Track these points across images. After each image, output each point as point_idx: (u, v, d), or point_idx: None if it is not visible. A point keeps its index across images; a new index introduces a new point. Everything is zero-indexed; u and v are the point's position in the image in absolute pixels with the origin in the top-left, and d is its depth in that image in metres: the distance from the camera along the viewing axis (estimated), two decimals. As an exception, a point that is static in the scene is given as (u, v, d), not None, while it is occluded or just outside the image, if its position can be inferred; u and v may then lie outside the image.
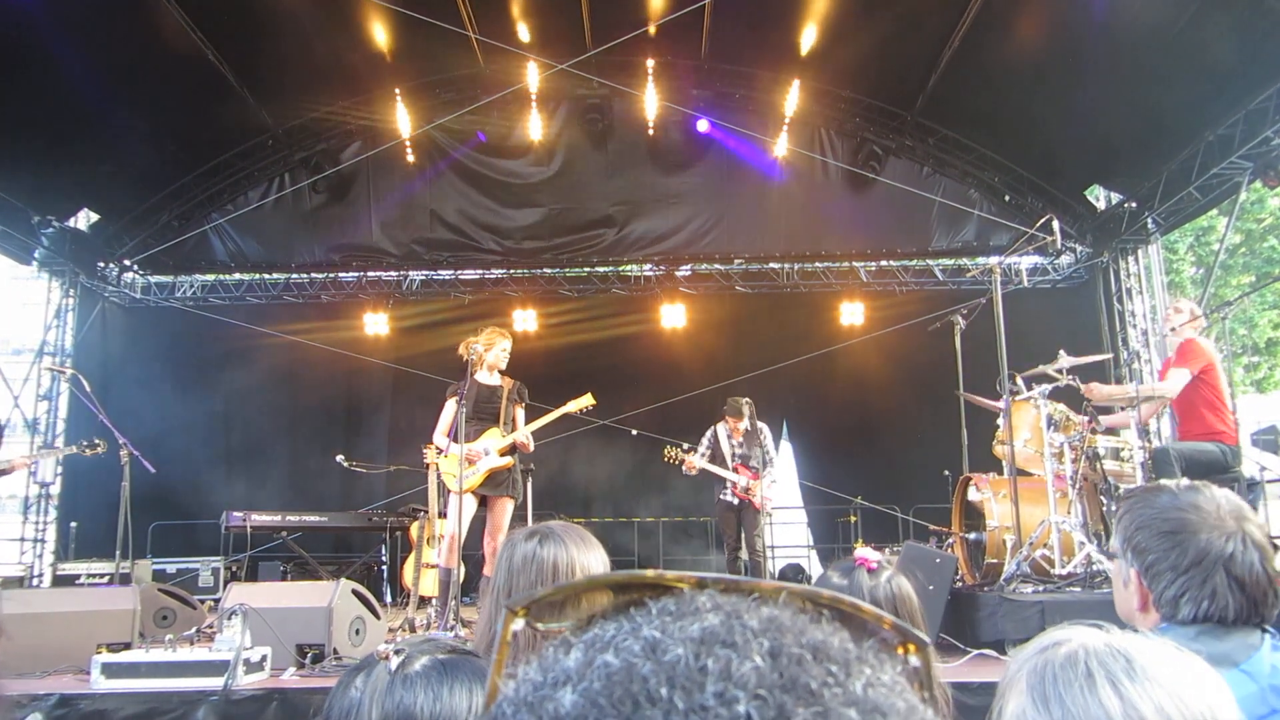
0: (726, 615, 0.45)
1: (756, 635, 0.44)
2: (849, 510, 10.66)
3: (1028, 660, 1.06)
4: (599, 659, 0.44)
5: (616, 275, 12.09)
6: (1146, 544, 1.70)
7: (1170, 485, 1.77)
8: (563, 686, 0.43)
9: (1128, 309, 10.97)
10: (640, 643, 0.44)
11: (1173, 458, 5.68)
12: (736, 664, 0.42)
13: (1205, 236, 20.08)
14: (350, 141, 11.22)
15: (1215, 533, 1.65)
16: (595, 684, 0.42)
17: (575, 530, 2.30)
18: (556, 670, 0.45)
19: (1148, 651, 1.00)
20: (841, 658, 0.44)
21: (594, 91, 10.57)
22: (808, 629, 0.46)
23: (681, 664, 0.42)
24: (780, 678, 0.42)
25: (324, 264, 11.82)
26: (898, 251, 11.75)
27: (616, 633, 0.45)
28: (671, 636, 0.44)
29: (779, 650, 0.43)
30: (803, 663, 0.43)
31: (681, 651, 0.43)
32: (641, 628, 0.45)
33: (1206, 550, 1.63)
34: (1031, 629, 4.66)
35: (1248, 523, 1.67)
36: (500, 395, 6.69)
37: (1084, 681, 0.98)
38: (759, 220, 11.49)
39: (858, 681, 0.43)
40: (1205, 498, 1.70)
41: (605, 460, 10.65)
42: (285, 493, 10.67)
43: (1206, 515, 1.67)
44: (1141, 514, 1.74)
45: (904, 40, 9.68)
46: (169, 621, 6.00)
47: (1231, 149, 8.55)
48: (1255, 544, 1.65)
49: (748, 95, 11.04)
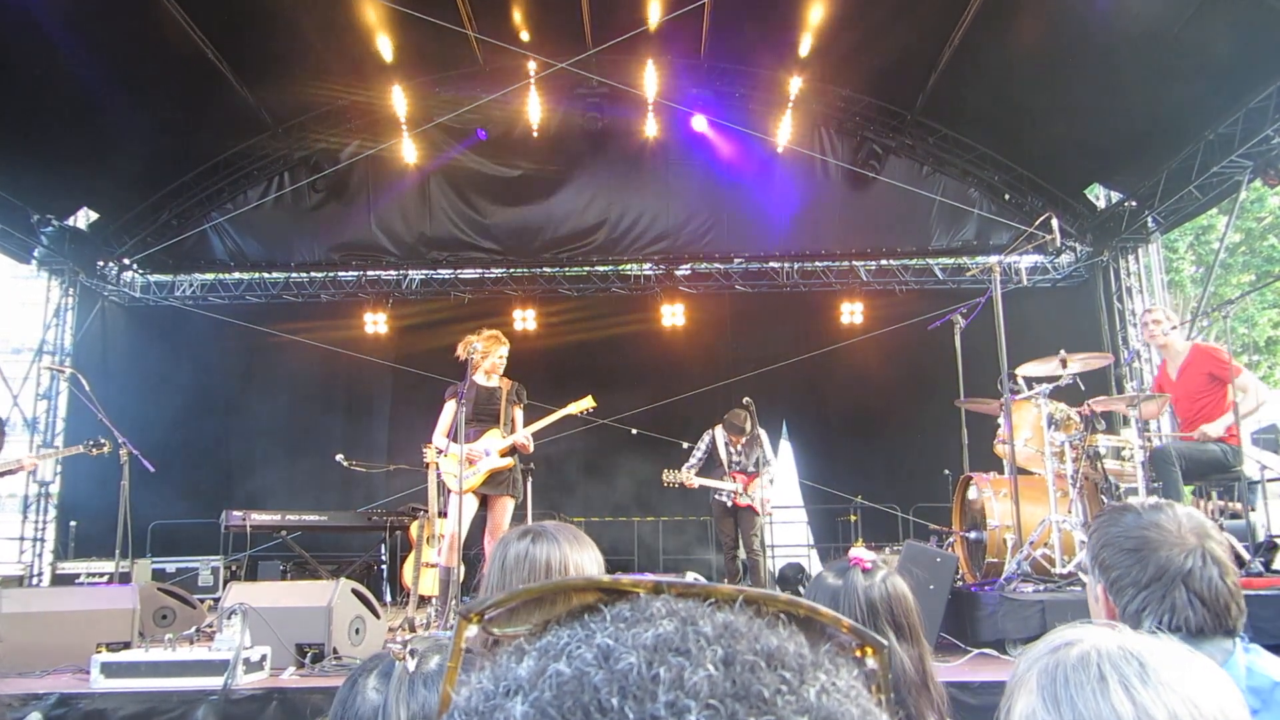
0: (681, 621, 0.45)
1: (710, 642, 0.44)
2: (849, 509, 10.66)
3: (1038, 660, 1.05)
4: (551, 667, 0.43)
5: (616, 274, 12.09)
6: (1111, 560, 1.80)
7: (1136, 504, 1.87)
8: (514, 696, 0.43)
9: (1128, 308, 10.96)
10: (593, 650, 0.44)
11: (1173, 457, 5.67)
12: (689, 672, 0.42)
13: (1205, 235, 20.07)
14: (349, 140, 11.20)
15: (1175, 549, 1.73)
16: (546, 694, 0.42)
17: (568, 529, 2.31)
18: (508, 679, 0.44)
19: (1160, 654, 1.00)
20: (796, 664, 0.44)
21: (594, 90, 10.56)
22: (762, 634, 0.45)
23: (634, 673, 0.42)
24: (733, 686, 0.41)
25: (323, 263, 11.82)
26: (897, 250, 11.75)
27: (570, 640, 0.45)
28: (624, 644, 0.44)
29: (732, 658, 0.43)
30: (756, 670, 0.43)
31: (634, 660, 0.42)
32: (595, 635, 0.45)
33: (1166, 566, 1.72)
34: (1032, 628, 4.66)
35: (1209, 540, 1.75)
36: (499, 397, 6.71)
37: (1096, 684, 0.98)
38: (758, 219, 11.48)
39: (811, 688, 0.43)
40: (1167, 516, 1.79)
41: (604, 460, 10.64)
42: (285, 492, 10.66)
43: (1167, 533, 1.75)
44: (1108, 532, 1.84)
45: (904, 39, 9.67)
46: (168, 621, 5.99)
47: (1231, 148, 8.55)
48: (1215, 560, 1.73)
49: (747, 94, 11.03)
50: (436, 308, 11.73)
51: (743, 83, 11.01)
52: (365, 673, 1.45)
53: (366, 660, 1.52)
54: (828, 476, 11.22)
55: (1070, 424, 5.95)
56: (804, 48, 9.65)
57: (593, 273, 12.03)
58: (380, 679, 1.42)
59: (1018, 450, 5.99)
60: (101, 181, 10.37)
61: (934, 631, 4.74)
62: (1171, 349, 6.28)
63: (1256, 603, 4.63)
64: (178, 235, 11.09)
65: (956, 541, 6.59)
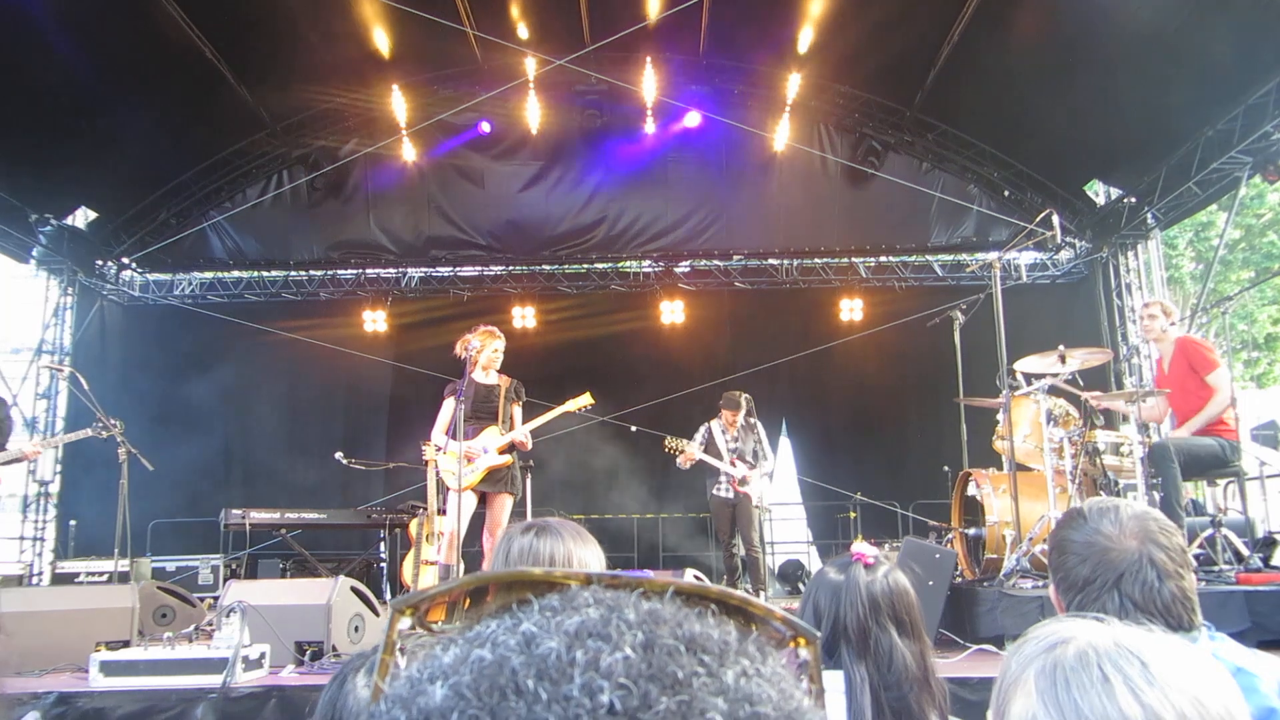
0: (607, 610, 0.46)
1: (631, 628, 0.45)
2: (849, 506, 10.66)
3: (1033, 659, 1.03)
4: (474, 654, 0.44)
5: (615, 272, 12.08)
6: (1057, 563, 1.89)
7: (1086, 508, 1.93)
8: (435, 681, 0.44)
9: (1127, 304, 10.96)
10: (516, 637, 0.45)
11: (1172, 453, 5.66)
12: (606, 655, 0.43)
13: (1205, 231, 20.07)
14: (348, 138, 11.19)
15: (1113, 554, 1.79)
16: (465, 677, 0.43)
17: (572, 525, 2.29)
18: (433, 666, 0.45)
19: (1160, 651, 0.98)
20: (717, 649, 0.45)
21: (592, 87, 10.55)
22: (686, 621, 0.46)
23: (552, 656, 0.43)
24: (649, 668, 0.43)
25: (322, 261, 11.81)
26: (897, 247, 11.74)
27: (496, 629, 0.46)
28: (547, 631, 0.45)
29: (652, 642, 0.44)
30: (674, 654, 0.44)
31: (554, 644, 0.43)
32: (521, 623, 0.46)
33: (1101, 569, 1.79)
34: (1031, 624, 4.64)
35: (1150, 543, 1.79)
36: (498, 394, 6.72)
37: (1100, 686, 0.96)
38: (758, 216, 11.48)
39: (730, 671, 0.44)
40: (1110, 520, 1.85)
41: (604, 457, 10.63)
42: (284, 490, 10.65)
43: (1108, 539, 1.82)
44: (1059, 535, 1.93)
45: (903, 35, 9.66)
46: (168, 619, 5.99)
47: (1231, 144, 8.55)
48: (1154, 563, 1.77)
49: (747, 90, 11.02)
50: (435, 306, 11.73)
51: (741, 80, 11.00)
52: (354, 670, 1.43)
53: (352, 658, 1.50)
54: (827, 473, 11.22)
55: (1069, 420, 5.95)
56: (803, 45, 9.64)
57: (592, 270, 12.03)
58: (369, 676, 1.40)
59: (1017, 446, 5.99)
60: (100, 180, 10.35)
61: (933, 627, 4.75)
62: (1166, 343, 6.28)
63: (1256, 598, 4.64)
64: (176, 234, 11.09)
65: (956, 537, 6.59)
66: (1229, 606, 4.56)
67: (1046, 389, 5.90)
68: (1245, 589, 4.72)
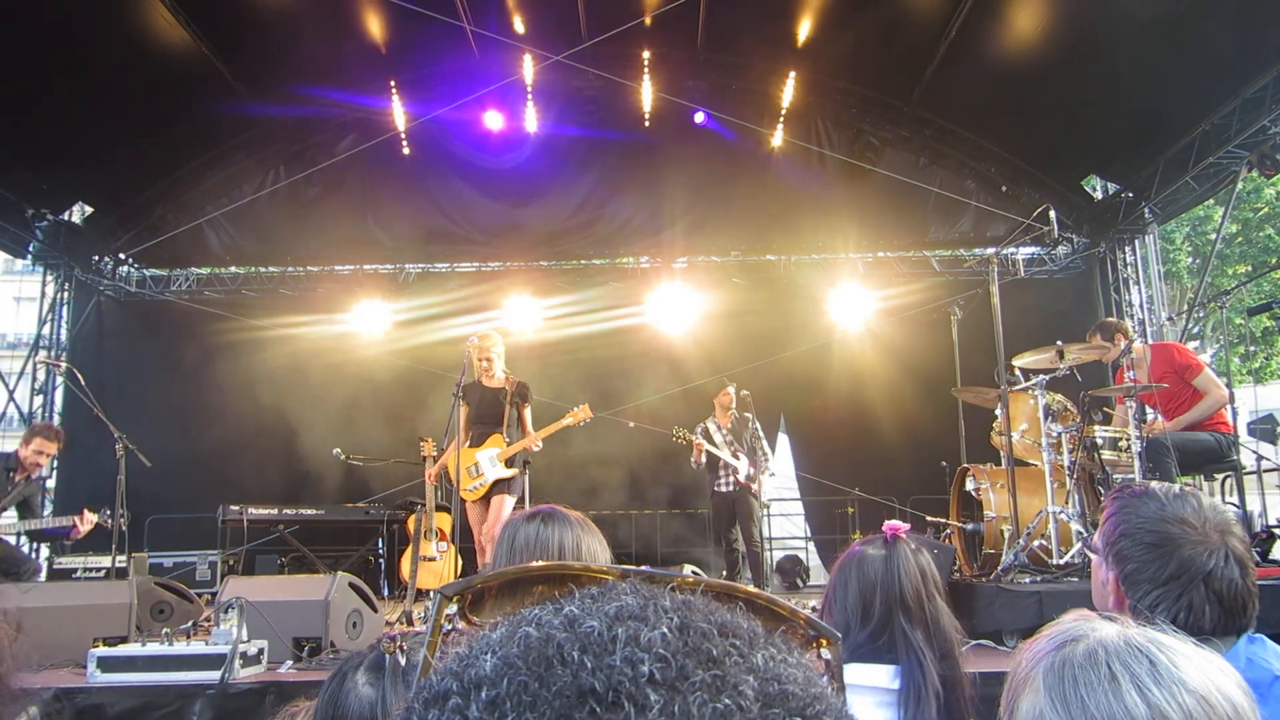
0: (644, 598, 0.50)
1: (667, 613, 0.48)
2: (846, 502, 10.67)
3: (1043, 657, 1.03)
4: (521, 631, 0.48)
5: (612, 267, 12.06)
6: (1128, 552, 1.72)
7: (1160, 492, 1.78)
8: (485, 654, 0.48)
9: (1125, 299, 10.97)
10: (560, 618, 0.48)
11: (1169, 448, 5.67)
12: (645, 632, 0.46)
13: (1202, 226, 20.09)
14: (344, 134, 11.16)
15: (1199, 548, 1.66)
16: (514, 649, 0.47)
17: (576, 514, 2.26)
18: (482, 643, 0.49)
19: (1169, 650, 0.98)
20: (747, 635, 0.49)
21: (589, 83, 10.53)
22: (717, 610, 0.50)
23: (595, 633, 0.47)
24: (685, 645, 0.46)
25: (319, 257, 11.79)
26: (894, 243, 11.73)
27: (541, 612, 0.50)
28: (589, 613, 0.48)
29: (687, 625, 0.48)
30: (708, 635, 0.47)
31: (596, 624, 0.47)
32: (564, 608, 0.50)
33: (1188, 565, 1.65)
34: (1029, 619, 4.66)
35: (1231, 536, 1.69)
36: (503, 398, 6.73)
37: (1107, 684, 0.96)
38: (755, 212, 11.45)
39: (759, 654, 0.48)
40: (1192, 510, 1.71)
41: (601, 453, 10.63)
42: (282, 486, 10.65)
43: (1191, 530, 1.68)
44: (1127, 521, 1.75)
45: (900, 31, 9.64)
46: (165, 615, 5.99)
47: (1228, 138, 8.55)
48: (1237, 559, 1.67)
49: (743, 86, 10.99)
50: (433, 301, 11.69)
51: (739, 75, 10.97)
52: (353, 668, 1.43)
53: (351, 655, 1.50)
54: (825, 468, 11.22)
55: (1067, 415, 5.95)
56: (800, 40, 9.63)
57: (589, 265, 12.01)
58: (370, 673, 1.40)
59: (1014, 441, 5.99)
60: (96, 176, 10.33)
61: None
62: (1137, 357, 6.29)
63: (1253, 592, 4.63)
64: (173, 230, 11.03)
65: (954, 533, 6.60)
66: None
67: (1045, 384, 5.90)
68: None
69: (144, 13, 8.38)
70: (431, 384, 10.26)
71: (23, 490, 7.11)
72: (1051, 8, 8.55)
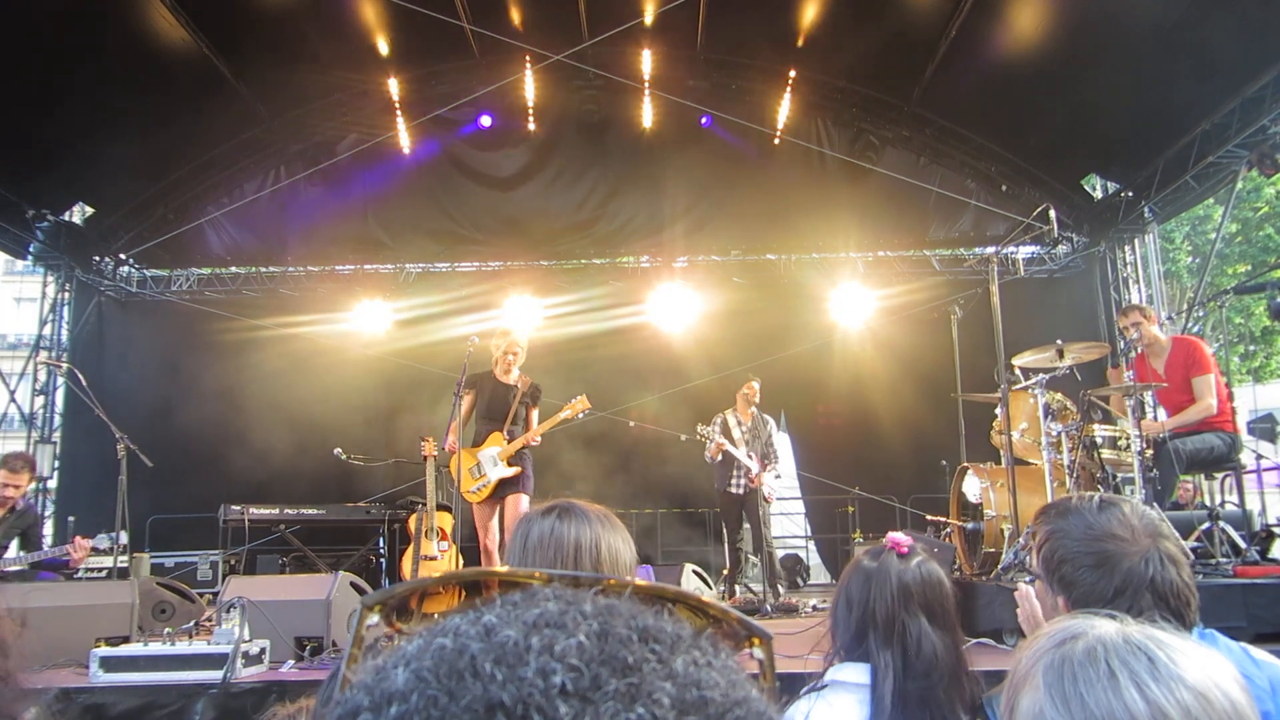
0: (565, 603, 0.49)
1: (587, 618, 0.47)
2: (847, 500, 10.67)
3: (1042, 655, 1.04)
4: (436, 642, 0.47)
5: (613, 266, 12.06)
6: (1072, 577, 1.76)
7: (1083, 508, 1.81)
8: (398, 667, 0.47)
9: (1125, 298, 10.97)
10: (477, 628, 0.47)
11: (1176, 455, 5.66)
12: (561, 641, 0.45)
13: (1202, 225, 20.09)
14: (345, 134, 11.16)
15: (1135, 558, 1.71)
16: (426, 662, 0.46)
17: (598, 508, 2.09)
18: (396, 655, 0.48)
19: (1168, 647, 0.99)
20: (669, 640, 0.48)
21: (590, 82, 10.53)
22: (640, 615, 0.49)
23: (510, 643, 0.46)
24: (600, 653, 0.45)
25: (319, 256, 11.79)
26: (894, 242, 11.73)
27: (459, 621, 0.49)
28: (507, 621, 0.47)
29: (606, 631, 0.47)
30: (626, 642, 0.46)
31: (512, 633, 0.46)
32: (483, 616, 0.49)
33: (1130, 576, 1.70)
34: (1029, 618, 4.66)
35: (1161, 539, 1.74)
36: (514, 396, 6.77)
37: (1106, 681, 0.96)
38: (755, 211, 11.46)
39: (680, 659, 0.47)
40: (1119, 521, 1.76)
41: (602, 452, 10.63)
42: (283, 486, 10.64)
43: (1123, 542, 1.73)
44: (1062, 545, 1.79)
45: (901, 30, 9.64)
46: (167, 615, 6.00)
47: (1228, 138, 8.55)
48: (1171, 559, 1.72)
49: (744, 86, 11.00)
50: (434, 300, 11.69)
51: (739, 74, 10.97)
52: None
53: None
54: (825, 467, 11.23)
55: (1067, 414, 5.95)
56: (800, 39, 9.63)
57: (590, 265, 12.01)
58: None
59: (1014, 440, 6.00)
60: (96, 176, 10.32)
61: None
62: (1156, 344, 6.28)
63: (1253, 591, 4.64)
64: (174, 230, 11.04)
65: (954, 532, 6.61)
66: (1226, 600, 4.57)
67: (1045, 383, 5.91)
68: (1243, 582, 4.73)
69: (144, 13, 8.39)
70: (432, 383, 10.26)
71: (14, 524, 6.77)
72: (1051, 8, 8.55)
